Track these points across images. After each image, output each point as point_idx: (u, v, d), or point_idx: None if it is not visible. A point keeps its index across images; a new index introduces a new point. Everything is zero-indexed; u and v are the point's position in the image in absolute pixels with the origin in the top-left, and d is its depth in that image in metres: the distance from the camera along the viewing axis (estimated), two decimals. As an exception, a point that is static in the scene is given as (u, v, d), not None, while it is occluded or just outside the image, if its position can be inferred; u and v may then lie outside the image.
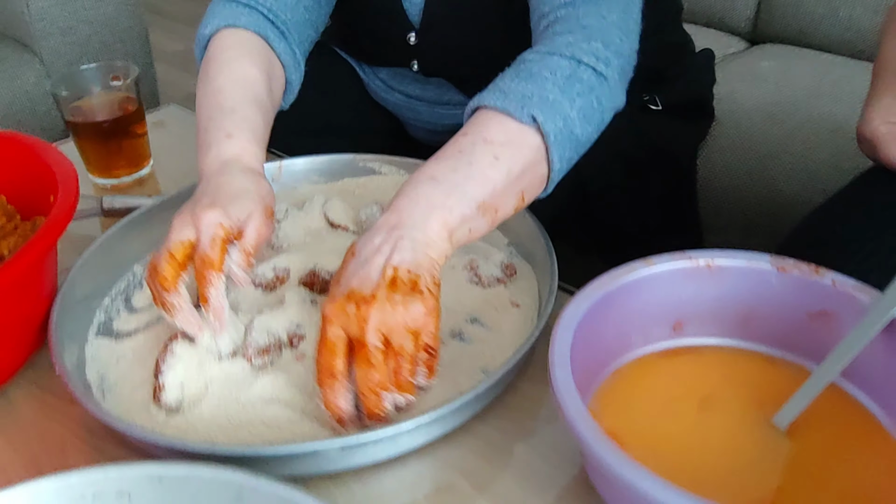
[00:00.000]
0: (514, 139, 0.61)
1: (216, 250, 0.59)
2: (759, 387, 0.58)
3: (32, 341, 0.64)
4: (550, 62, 0.64)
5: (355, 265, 0.55)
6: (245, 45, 0.76)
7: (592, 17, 0.68)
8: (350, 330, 0.53)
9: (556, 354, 0.49)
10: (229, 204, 0.61)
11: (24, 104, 1.48)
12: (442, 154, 0.61)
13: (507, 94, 0.62)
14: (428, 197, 0.57)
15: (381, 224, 0.57)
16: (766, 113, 1.14)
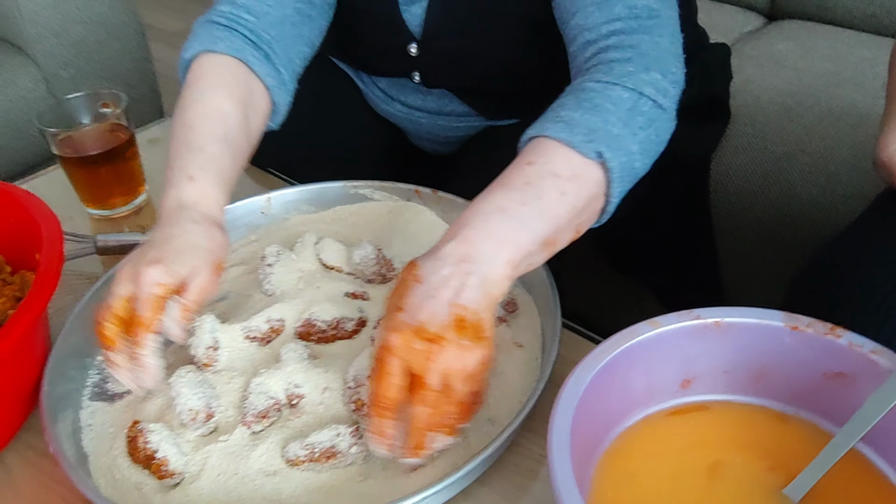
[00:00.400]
0: (580, 174, 0.61)
1: (149, 310, 0.58)
2: (772, 448, 0.55)
3: (26, 406, 0.63)
4: (613, 93, 0.64)
5: (421, 295, 0.54)
6: (221, 73, 0.74)
7: (647, 45, 0.67)
8: (413, 366, 0.53)
9: (555, 442, 0.47)
10: (174, 260, 0.60)
11: (22, 110, 1.46)
12: (509, 183, 0.60)
13: (571, 127, 0.61)
14: (497, 232, 0.57)
15: (450, 253, 0.56)
16: (783, 106, 1.09)
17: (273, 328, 0.68)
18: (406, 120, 1.00)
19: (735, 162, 1.02)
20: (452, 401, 0.53)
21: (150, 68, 1.67)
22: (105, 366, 0.68)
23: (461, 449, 0.59)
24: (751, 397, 0.58)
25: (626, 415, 0.57)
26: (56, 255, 0.63)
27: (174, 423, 0.61)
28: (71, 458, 0.58)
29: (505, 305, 0.69)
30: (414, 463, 0.56)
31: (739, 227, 1.01)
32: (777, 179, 0.99)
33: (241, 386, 0.63)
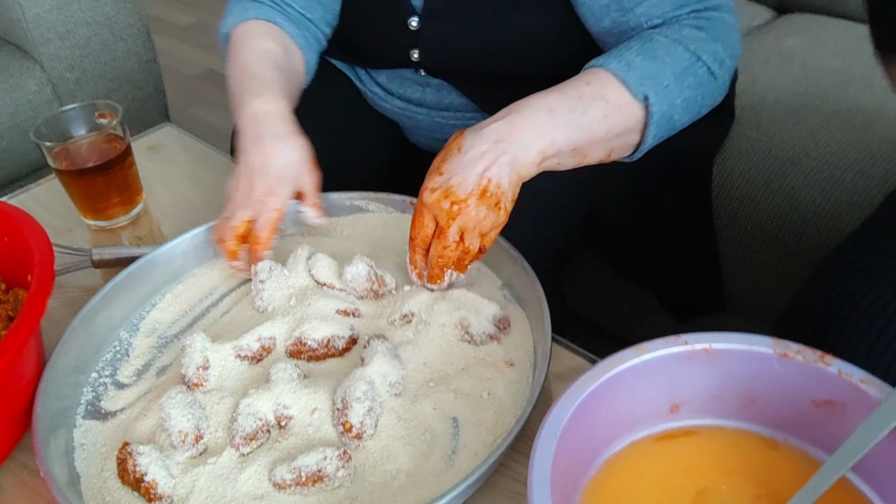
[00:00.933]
0: (625, 107, 0.71)
1: (267, 231, 0.73)
2: (760, 474, 0.55)
3: (20, 427, 0.64)
4: (674, 51, 0.72)
5: (458, 163, 0.66)
6: (260, 28, 0.87)
7: (716, 20, 0.75)
8: (439, 219, 0.67)
9: (536, 476, 0.47)
10: (281, 185, 0.73)
11: (28, 113, 1.47)
12: (566, 91, 0.70)
13: (630, 68, 0.71)
14: (541, 125, 0.67)
15: (493, 131, 0.67)
16: (789, 108, 1.07)
17: (264, 347, 0.68)
18: (404, 116, 1.00)
19: (738, 167, 1.01)
20: (463, 249, 0.68)
21: (156, 68, 1.67)
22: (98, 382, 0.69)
23: (450, 471, 0.59)
24: (740, 422, 0.57)
25: (612, 440, 0.56)
26: (46, 277, 0.63)
27: (164, 444, 0.61)
28: (62, 481, 0.58)
29: (497, 322, 0.69)
30: (433, 287, 0.70)
31: (742, 233, 1.00)
32: (780, 185, 0.97)
33: (231, 406, 0.63)
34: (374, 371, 0.63)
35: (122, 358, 0.72)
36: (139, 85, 1.65)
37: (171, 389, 0.63)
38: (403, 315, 0.70)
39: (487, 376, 0.66)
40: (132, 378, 0.70)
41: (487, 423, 0.62)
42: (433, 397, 0.64)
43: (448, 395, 0.64)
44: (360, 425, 0.60)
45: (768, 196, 0.97)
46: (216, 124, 2.30)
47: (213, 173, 1.01)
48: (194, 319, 0.75)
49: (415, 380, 0.65)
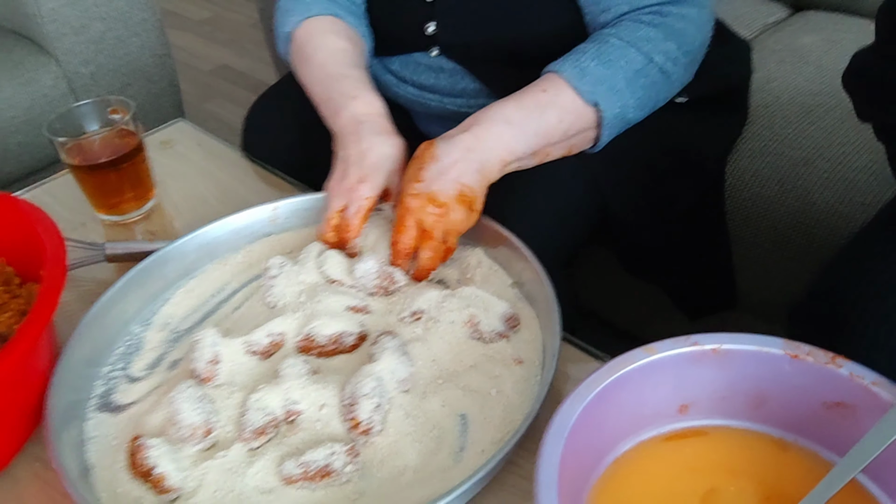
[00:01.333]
0: (579, 111, 0.76)
1: (358, 219, 0.74)
2: (769, 475, 0.54)
3: (33, 419, 0.64)
4: (627, 54, 0.77)
5: (436, 170, 0.71)
6: (325, 25, 0.88)
7: (673, 18, 0.78)
8: (424, 224, 0.71)
9: (543, 475, 0.47)
10: (374, 175, 0.74)
11: (44, 108, 1.48)
12: (522, 101, 0.76)
13: (583, 74, 0.76)
14: (501, 136, 0.74)
15: (461, 141, 0.73)
16: (804, 107, 1.06)
17: (274, 342, 0.68)
18: (416, 103, 0.99)
19: (751, 167, 1.00)
20: (446, 248, 0.73)
21: (171, 63, 1.68)
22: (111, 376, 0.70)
23: (457, 468, 0.59)
24: (749, 423, 0.57)
25: (620, 440, 0.56)
26: (58, 272, 0.63)
27: (174, 437, 0.61)
28: (73, 473, 0.59)
29: (507, 321, 0.69)
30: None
31: (754, 233, 0.99)
32: (794, 186, 0.96)
33: (241, 401, 0.64)
34: (382, 367, 0.63)
35: (135, 352, 0.72)
36: (153, 80, 1.66)
37: (181, 383, 0.64)
38: (413, 312, 0.70)
39: (496, 374, 0.66)
40: (144, 372, 0.70)
41: (495, 421, 0.62)
42: (442, 394, 0.64)
43: (457, 392, 0.64)
44: (368, 421, 0.60)
45: (782, 196, 0.97)
46: (230, 119, 2.31)
47: (225, 169, 1.01)
48: (206, 315, 0.76)
49: (423, 376, 0.65)
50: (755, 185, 0.99)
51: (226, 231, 0.81)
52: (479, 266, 0.76)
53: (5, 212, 0.72)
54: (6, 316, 0.67)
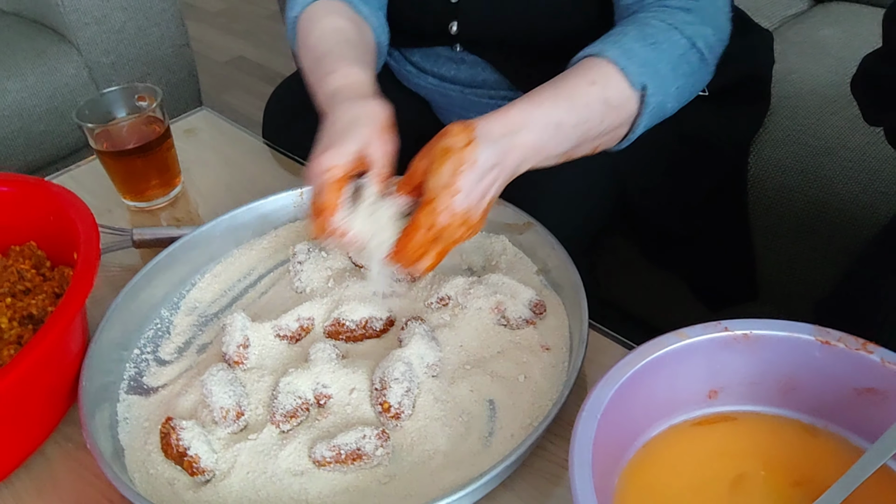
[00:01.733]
0: (623, 105, 0.69)
1: (326, 194, 0.61)
2: (798, 461, 0.55)
3: (66, 400, 0.65)
4: (672, 36, 0.71)
5: (474, 179, 0.60)
6: (330, 7, 0.82)
7: (706, 2, 0.74)
8: (444, 238, 0.61)
9: (577, 457, 0.47)
10: (339, 140, 0.62)
11: (66, 96, 1.49)
12: (573, 99, 0.67)
13: (630, 56, 0.68)
14: (546, 142, 0.65)
15: (503, 145, 0.62)
16: (825, 98, 1.06)
17: (303, 327, 0.69)
18: (437, 93, 1.00)
19: (773, 156, 1.00)
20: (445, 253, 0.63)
21: (189, 53, 1.69)
22: (141, 359, 0.71)
23: (486, 453, 0.60)
24: (779, 409, 0.57)
25: (650, 425, 0.56)
26: (92, 254, 0.64)
27: (206, 420, 0.62)
28: (107, 453, 0.59)
29: (533, 307, 0.69)
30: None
31: (776, 223, 0.99)
32: (816, 175, 0.96)
33: (271, 384, 0.65)
34: (411, 352, 0.63)
35: (164, 335, 0.73)
36: (173, 70, 1.67)
37: (212, 367, 0.65)
38: (440, 298, 0.70)
39: (524, 360, 0.66)
40: (173, 355, 0.71)
41: (524, 406, 0.63)
42: (470, 380, 0.64)
43: (485, 377, 0.65)
44: (398, 405, 0.60)
45: (804, 186, 0.96)
46: (247, 110, 2.32)
47: (248, 157, 1.02)
48: (233, 299, 0.76)
49: (451, 362, 0.66)
50: (777, 175, 0.99)
51: (252, 216, 0.81)
52: (504, 253, 0.76)
53: (38, 196, 0.73)
54: (39, 298, 0.68)
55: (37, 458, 0.64)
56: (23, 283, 0.70)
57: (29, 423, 0.62)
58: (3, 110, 1.42)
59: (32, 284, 0.70)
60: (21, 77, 1.44)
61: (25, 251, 0.74)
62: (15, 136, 1.44)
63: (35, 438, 0.63)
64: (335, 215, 0.61)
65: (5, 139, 1.44)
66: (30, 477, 0.63)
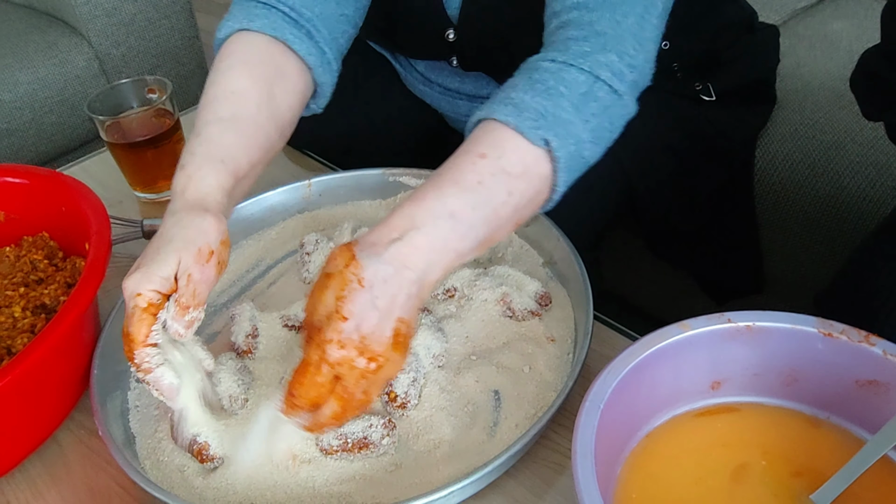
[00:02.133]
0: (529, 170, 0.58)
1: (133, 324, 0.55)
2: (799, 452, 0.55)
3: (78, 388, 0.66)
4: (567, 76, 0.60)
5: (366, 303, 0.52)
6: (245, 51, 0.69)
7: (606, 23, 0.63)
8: (346, 379, 0.52)
9: (580, 447, 0.48)
10: (151, 262, 0.55)
11: (76, 88, 1.50)
12: (462, 180, 0.57)
13: (521, 111, 0.58)
14: (445, 240, 0.55)
15: (394, 256, 0.53)
16: (834, 92, 1.06)
17: None
18: (443, 101, 1.00)
19: (781, 150, 1.00)
20: (364, 401, 0.54)
21: (199, 45, 1.70)
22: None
23: (491, 443, 0.60)
24: (782, 400, 0.58)
25: (653, 415, 0.57)
26: (104, 245, 0.65)
27: (215, 407, 0.63)
28: (119, 440, 0.60)
29: (539, 299, 0.70)
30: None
31: (783, 218, 0.99)
32: (825, 170, 0.96)
33: (279, 373, 0.65)
34: (418, 343, 0.64)
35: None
36: (182, 61, 1.68)
37: (221, 356, 0.65)
38: (446, 290, 0.71)
39: (529, 351, 0.67)
40: (183, 344, 0.72)
41: (528, 397, 0.63)
42: (475, 370, 0.65)
43: (490, 368, 0.65)
44: (404, 395, 0.61)
45: (812, 180, 0.97)
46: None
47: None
48: (242, 289, 0.77)
49: (457, 353, 0.66)
50: (785, 170, 0.99)
51: (261, 208, 0.82)
52: (510, 245, 0.77)
53: (50, 188, 0.74)
54: (52, 288, 0.69)
55: (50, 445, 0.66)
56: (36, 274, 0.71)
57: (42, 411, 0.63)
58: (14, 102, 1.43)
59: (45, 274, 0.71)
60: (32, 69, 1.45)
61: (38, 242, 0.75)
62: (27, 127, 1.46)
63: (48, 426, 0.64)
64: (139, 349, 0.55)
65: (17, 130, 1.45)
66: (43, 463, 0.64)
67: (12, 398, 0.57)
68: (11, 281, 0.70)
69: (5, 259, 0.73)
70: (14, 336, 0.65)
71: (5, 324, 0.66)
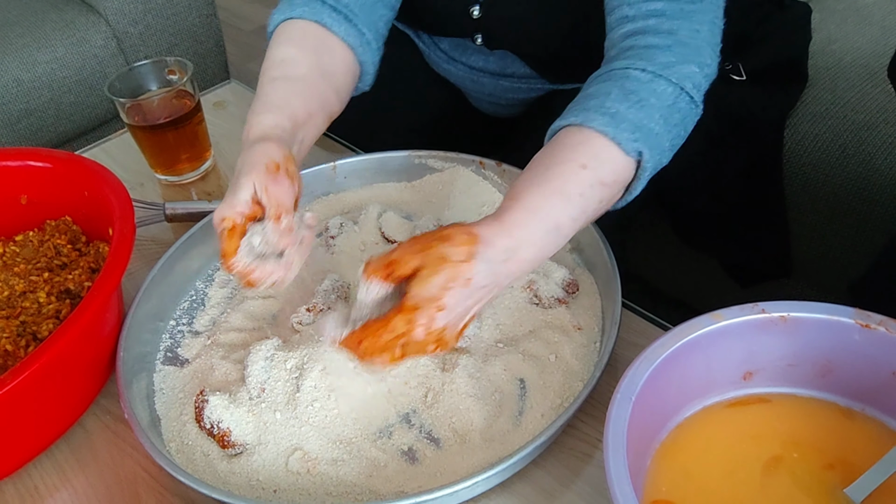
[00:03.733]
0: (618, 179, 0.62)
1: (224, 242, 0.60)
2: (833, 444, 0.54)
3: (104, 373, 0.67)
4: (658, 87, 0.63)
5: (463, 298, 0.55)
6: (292, 33, 0.74)
7: (686, 32, 0.65)
8: (407, 348, 0.56)
9: (612, 439, 0.47)
10: (232, 190, 0.61)
11: (94, 67, 1.49)
12: (567, 191, 0.59)
13: (617, 123, 0.61)
14: (546, 248, 0.59)
15: (503, 270, 0.57)
16: (867, 70, 1.03)
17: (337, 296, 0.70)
18: (468, 80, 0.99)
19: (812, 131, 0.98)
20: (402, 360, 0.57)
21: (216, 23, 1.68)
22: (176, 330, 0.72)
23: (516, 432, 0.60)
24: (815, 391, 0.57)
25: (683, 406, 0.56)
26: (128, 230, 0.65)
27: (242, 394, 0.63)
28: (144, 423, 0.61)
29: (566, 287, 0.69)
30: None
31: (813, 200, 0.97)
32: (856, 151, 0.94)
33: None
34: None
35: (199, 307, 0.74)
36: (200, 40, 1.66)
37: (255, 343, 0.65)
38: (471, 276, 0.70)
39: (555, 339, 0.66)
40: (208, 327, 0.72)
41: (554, 386, 0.63)
42: (503, 358, 0.64)
43: (517, 356, 0.65)
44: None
45: (843, 162, 0.94)
46: (272, 80, 2.31)
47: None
48: (266, 273, 0.77)
49: (485, 339, 0.66)
50: (815, 151, 0.96)
51: (283, 192, 0.81)
52: (536, 230, 0.76)
53: (72, 172, 0.74)
54: (76, 273, 0.69)
55: (76, 430, 0.66)
56: (59, 259, 0.71)
57: (69, 396, 0.63)
58: (33, 82, 1.43)
59: (69, 259, 0.71)
60: (51, 48, 1.44)
61: (61, 226, 0.75)
62: (45, 107, 1.45)
63: (74, 411, 0.64)
64: (232, 261, 0.60)
65: (36, 110, 1.45)
66: (70, 448, 0.65)
67: (40, 385, 0.58)
68: (35, 266, 0.70)
69: (29, 244, 0.72)
70: (39, 322, 0.65)
71: (30, 309, 0.66)
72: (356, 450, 0.59)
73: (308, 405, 0.61)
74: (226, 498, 0.54)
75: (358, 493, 0.57)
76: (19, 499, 0.62)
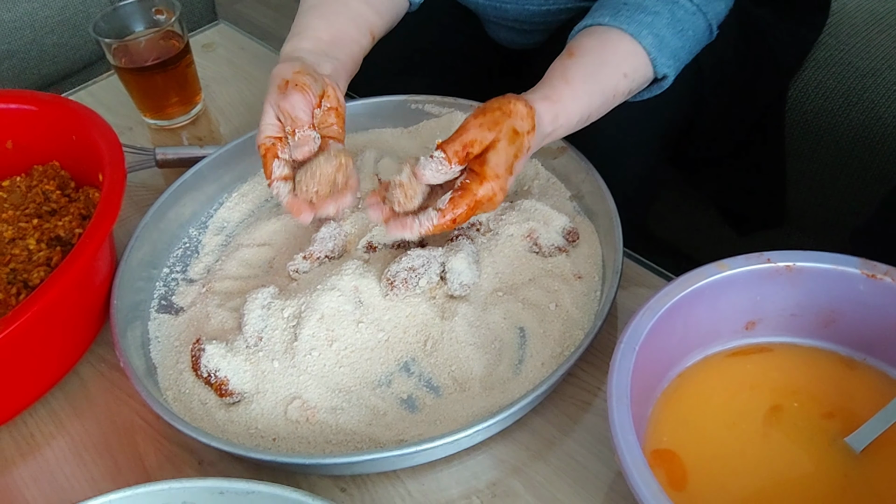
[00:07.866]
0: (636, 90, 0.70)
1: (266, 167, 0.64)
2: (833, 393, 0.54)
3: (98, 321, 0.66)
4: (697, 22, 0.70)
5: (522, 165, 0.62)
6: None
7: None
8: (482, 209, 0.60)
9: (615, 387, 0.47)
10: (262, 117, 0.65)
11: (77, 7, 1.44)
12: (608, 90, 0.67)
13: (662, 47, 0.68)
14: (569, 133, 0.66)
15: (546, 131, 0.63)
16: (873, 14, 1.01)
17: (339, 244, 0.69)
18: (489, 7, 0.95)
19: (815, 78, 0.96)
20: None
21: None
22: (170, 278, 0.70)
23: (516, 380, 0.60)
24: (817, 341, 0.56)
25: (685, 355, 0.56)
26: (119, 175, 0.63)
27: (239, 343, 0.62)
28: (140, 371, 0.60)
29: (566, 235, 0.68)
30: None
31: (814, 148, 0.95)
32: (860, 98, 0.92)
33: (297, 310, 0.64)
34: (451, 264, 0.63)
35: (192, 255, 0.73)
36: (186, -21, 1.61)
37: (252, 291, 0.64)
38: (472, 223, 0.69)
39: (555, 288, 0.65)
40: (202, 274, 0.71)
41: (554, 335, 0.62)
42: (502, 306, 0.64)
43: (516, 305, 0.64)
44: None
45: (846, 109, 0.93)
46: (262, 22, 2.26)
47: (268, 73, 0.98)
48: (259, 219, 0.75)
49: (484, 288, 0.65)
50: (819, 98, 0.95)
51: (278, 136, 0.79)
52: (536, 177, 0.74)
53: (59, 115, 0.71)
54: (66, 220, 0.67)
55: (71, 378, 0.65)
56: (49, 205, 0.69)
57: (62, 344, 0.62)
58: (14, 21, 1.38)
59: (58, 206, 0.70)
60: (32, -14, 1.39)
61: (49, 171, 0.73)
62: (28, 48, 1.41)
63: (69, 359, 0.64)
64: (273, 184, 0.64)
65: (18, 51, 1.40)
66: (65, 396, 0.64)
67: (33, 333, 0.57)
68: (24, 212, 0.68)
69: (16, 189, 0.71)
70: (30, 269, 0.64)
71: (20, 256, 0.65)
72: (355, 398, 0.59)
73: (306, 354, 0.61)
74: (225, 446, 0.54)
75: (357, 441, 0.57)
76: (15, 446, 0.62)
